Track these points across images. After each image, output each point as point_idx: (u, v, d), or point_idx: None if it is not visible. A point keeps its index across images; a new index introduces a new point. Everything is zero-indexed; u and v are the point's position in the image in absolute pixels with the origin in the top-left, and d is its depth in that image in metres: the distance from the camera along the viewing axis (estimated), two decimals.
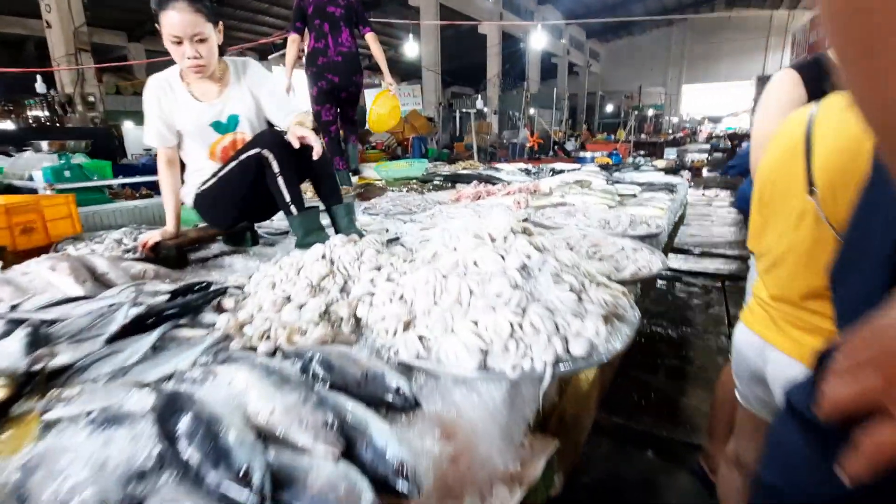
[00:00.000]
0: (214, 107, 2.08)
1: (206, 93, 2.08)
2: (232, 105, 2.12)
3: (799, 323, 1.14)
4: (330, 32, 4.10)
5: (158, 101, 1.99)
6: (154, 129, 2.03)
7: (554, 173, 4.89)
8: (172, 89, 2.03)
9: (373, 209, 3.30)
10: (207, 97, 2.08)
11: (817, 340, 1.10)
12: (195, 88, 2.06)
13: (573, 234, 2.11)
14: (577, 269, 1.33)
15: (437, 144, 13.34)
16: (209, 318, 1.37)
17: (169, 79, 2.02)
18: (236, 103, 2.14)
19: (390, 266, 1.44)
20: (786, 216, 1.13)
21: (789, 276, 1.14)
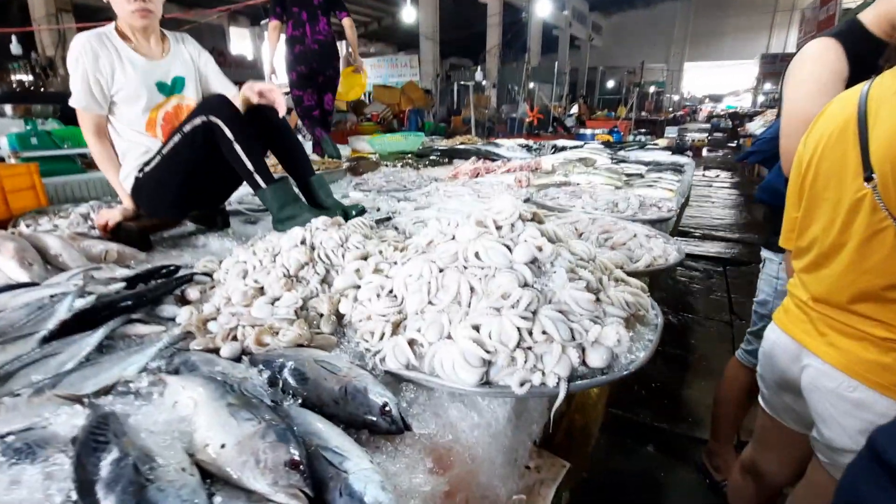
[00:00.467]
0: (160, 66, 1.89)
1: (150, 51, 1.88)
2: (178, 67, 1.94)
3: (845, 328, 0.99)
4: (308, 21, 4.17)
5: (95, 58, 1.73)
6: (86, 91, 1.74)
7: (556, 150, 4.67)
8: (112, 45, 1.78)
9: (364, 185, 3.10)
10: (151, 55, 1.88)
11: (866, 349, 0.95)
12: (138, 45, 1.84)
13: (581, 218, 1.93)
14: (594, 262, 1.16)
15: (434, 118, 12.97)
16: (170, 310, 1.20)
17: (106, 34, 1.79)
18: (181, 66, 1.96)
19: (379, 255, 1.26)
20: (834, 207, 0.97)
21: (838, 276, 0.98)
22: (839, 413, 1.00)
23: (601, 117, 15.10)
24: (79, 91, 1.73)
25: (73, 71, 1.72)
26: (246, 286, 1.19)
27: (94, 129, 1.81)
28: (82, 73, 1.71)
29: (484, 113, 12.36)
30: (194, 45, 2.06)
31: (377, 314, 1.05)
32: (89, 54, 1.71)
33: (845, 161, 0.92)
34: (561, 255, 1.07)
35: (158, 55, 1.90)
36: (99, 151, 1.85)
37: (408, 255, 1.17)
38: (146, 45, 1.87)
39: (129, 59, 1.80)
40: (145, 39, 1.85)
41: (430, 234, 1.18)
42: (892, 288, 0.88)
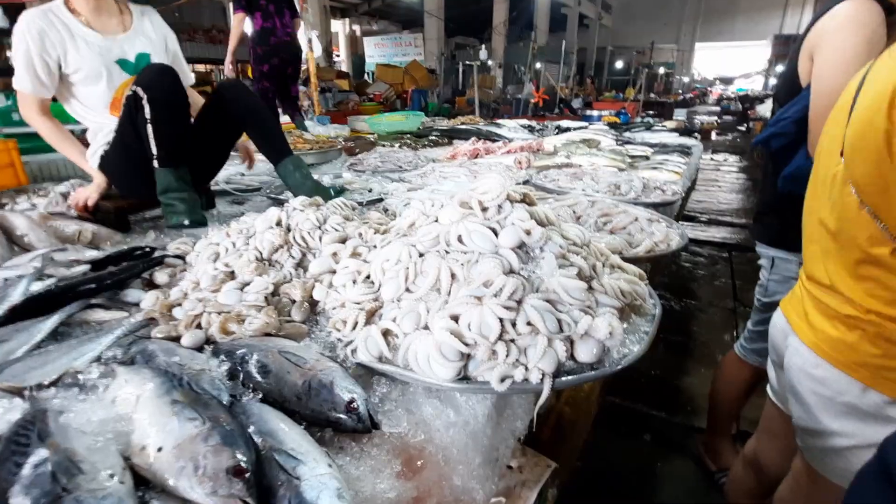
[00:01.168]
0: (119, 42, 1.74)
1: (107, 26, 1.73)
2: (141, 42, 1.79)
3: (822, 307, 0.94)
4: (276, 14, 4.26)
5: (41, 37, 1.58)
6: (30, 73, 1.60)
7: (559, 131, 4.53)
8: (62, 23, 1.63)
9: (359, 165, 3.00)
10: (109, 30, 1.73)
11: (834, 327, 0.90)
12: (93, 21, 1.69)
13: (580, 201, 1.83)
14: (588, 248, 1.07)
15: (438, 98, 12.76)
16: (136, 295, 1.13)
17: (54, 11, 1.63)
18: (145, 41, 1.80)
19: (358, 237, 1.18)
20: (822, 183, 0.92)
21: (821, 252, 0.93)
22: (804, 391, 0.98)
23: (608, 99, 14.81)
24: (22, 73, 1.60)
25: (15, 50, 1.58)
26: (216, 270, 1.12)
27: (38, 109, 1.68)
28: (24, 52, 1.57)
29: (489, 94, 12.14)
30: (160, 21, 1.92)
31: (351, 302, 0.97)
32: (33, 33, 1.57)
33: (836, 137, 0.86)
34: (551, 239, 0.98)
35: (117, 30, 1.75)
36: (48, 130, 1.73)
37: (388, 239, 1.09)
38: (100, 20, 1.71)
39: (82, 36, 1.66)
40: (98, 14, 1.70)
41: (411, 215, 1.09)
42: (863, 263, 0.82)
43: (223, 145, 1.94)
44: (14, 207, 2.00)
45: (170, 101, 1.59)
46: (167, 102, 1.58)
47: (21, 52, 1.57)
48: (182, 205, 1.66)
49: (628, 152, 3.40)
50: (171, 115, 1.59)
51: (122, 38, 1.74)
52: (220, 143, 1.91)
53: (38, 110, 1.69)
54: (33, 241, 1.39)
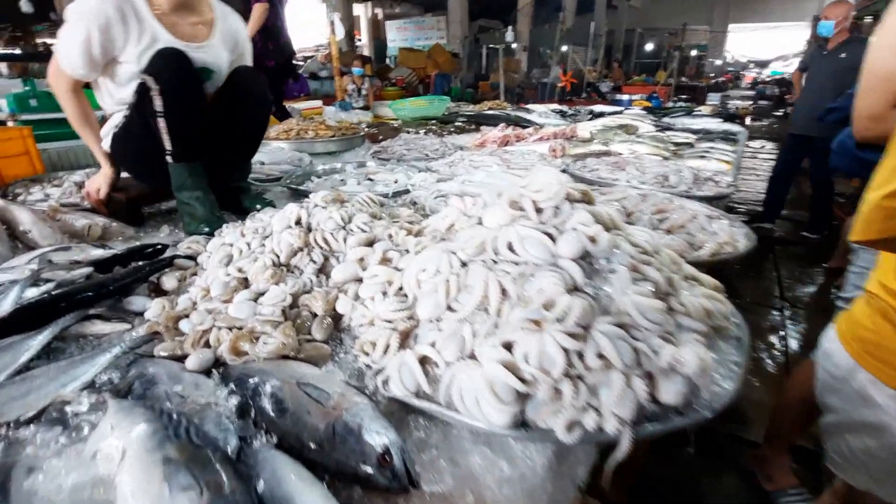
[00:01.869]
0: (196, 54, 1.47)
1: (183, 29, 1.47)
2: (213, 54, 1.55)
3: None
4: (281, 12, 4.16)
5: (108, 26, 1.34)
6: (84, 58, 1.37)
7: (593, 116, 4.29)
8: (137, 16, 1.39)
9: (383, 153, 2.85)
10: (183, 35, 1.47)
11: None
12: (170, 19, 1.44)
13: (630, 194, 1.65)
14: (660, 256, 0.90)
15: (461, 83, 12.47)
16: (140, 302, 1.01)
17: (134, 2, 1.39)
18: (218, 53, 1.57)
19: (388, 240, 1.03)
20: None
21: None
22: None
23: (638, 82, 14.27)
24: (75, 56, 1.37)
25: (73, 28, 1.34)
26: (228, 276, 0.99)
27: (71, 86, 1.47)
28: (84, 38, 1.34)
29: (513, 78, 11.81)
30: (238, 20, 1.65)
31: (381, 319, 0.83)
32: (102, 20, 1.33)
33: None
34: (620, 247, 0.82)
35: (192, 37, 1.49)
36: (75, 109, 1.51)
37: (423, 243, 0.94)
38: (178, 20, 1.45)
39: (152, 35, 1.41)
40: (178, 12, 1.45)
41: (450, 215, 0.94)
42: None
43: (244, 138, 1.78)
44: (27, 198, 1.92)
45: (184, 93, 1.41)
46: (181, 94, 1.40)
47: (80, 36, 1.34)
48: (199, 207, 1.51)
49: (670, 139, 3.17)
50: (185, 107, 1.42)
51: (200, 49, 1.50)
52: (241, 136, 1.76)
53: (71, 86, 1.47)
54: (36, 237, 1.29)
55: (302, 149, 2.82)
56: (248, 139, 1.77)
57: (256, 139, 1.80)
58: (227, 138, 1.68)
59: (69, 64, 1.40)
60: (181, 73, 1.38)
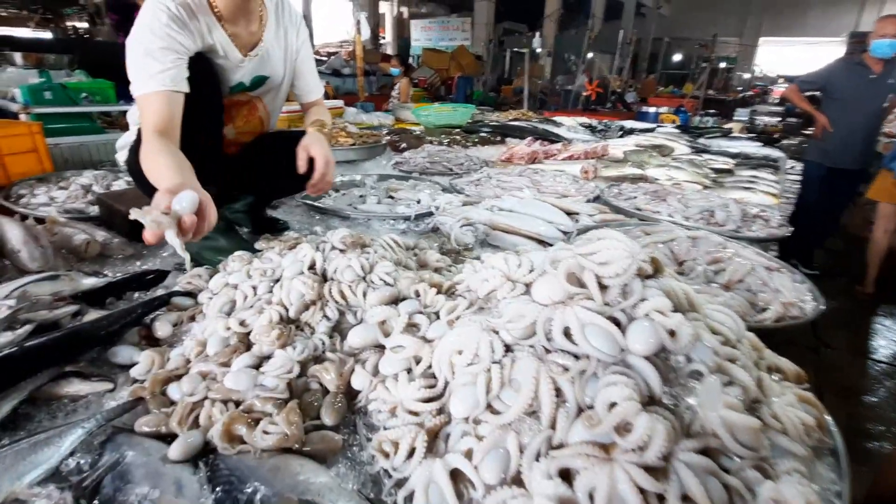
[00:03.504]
0: (249, 62, 1.31)
1: (241, 35, 1.28)
2: (266, 62, 1.36)
3: None
4: None
5: (185, 28, 1.12)
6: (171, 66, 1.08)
7: (623, 133, 4.10)
8: (205, 23, 1.18)
9: (405, 164, 2.71)
10: (242, 41, 1.28)
11: None
12: (230, 25, 1.24)
13: (678, 236, 1.48)
14: (743, 346, 0.75)
15: (484, 86, 12.31)
16: (127, 354, 0.88)
17: (198, 5, 1.16)
18: (272, 61, 1.38)
19: (415, 297, 0.88)
20: None
21: None
22: None
23: (665, 94, 13.98)
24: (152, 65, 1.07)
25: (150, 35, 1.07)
26: (228, 330, 0.85)
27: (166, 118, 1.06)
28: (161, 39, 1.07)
29: (537, 83, 11.62)
30: (296, 17, 1.43)
31: (405, 408, 0.68)
32: (179, 24, 1.10)
33: None
34: (703, 340, 0.66)
35: (248, 42, 1.30)
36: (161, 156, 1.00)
37: (457, 311, 0.79)
38: (237, 25, 1.25)
39: (220, 42, 1.22)
40: (238, 16, 1.24)
41: (491, 278, 0.79)
42: None
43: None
44: (31, 201, 1.82)
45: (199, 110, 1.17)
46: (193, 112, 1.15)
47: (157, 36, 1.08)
48: (223, 238, 1.35)
49: (708, 164, 2.98)
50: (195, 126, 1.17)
51: (252, 55, 1.31)
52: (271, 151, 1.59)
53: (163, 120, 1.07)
54: (25, 259, 1.17)
55: None
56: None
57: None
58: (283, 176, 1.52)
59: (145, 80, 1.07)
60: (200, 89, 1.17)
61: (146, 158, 1.01)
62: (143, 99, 1.08)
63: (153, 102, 1.07)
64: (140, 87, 1.08)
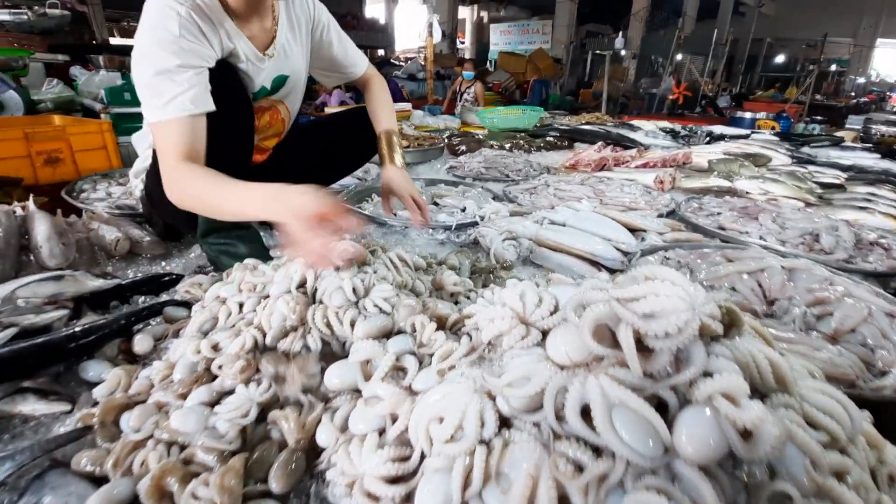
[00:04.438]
0: (269, 62, 1.21)
1: (257, 35, 1.17)
2: (284, 59, 1.25)
3: None
4: None
5: (201, 35, 1.00)
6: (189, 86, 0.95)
7: (711, 139, 3.66)
8: (214, 20, 1.04)
9: (459, 169, 2.56)
10: (257, 41, 1.17)
11: None
12: (245, 25, 1.13)
13: (770, 265, 1.19)
14: (856, 447, 0.51)
15: (561, 90, 11.90)
16: (97, 370, 0.80)
17: (209, 6, 1.03)
18: (291, 55, 1.27)
19: (410, 332, 0.72)
20: None
21: None
22: None
23: (764, 98, 12.73)
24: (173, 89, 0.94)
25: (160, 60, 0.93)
26: (198, 355, 0.74)
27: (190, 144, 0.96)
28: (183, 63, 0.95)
29: (618, 87, 11.03)
30: (307, 7, 1.31)
31: (363, 491, 0.52)
32: (193, 32, 0.97)
33: None
34: (795, 442, 0.44)
35: (263, 41, 1.19)
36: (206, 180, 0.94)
37: (452, 356, 0.62)
38: (252, 26, 1.15)
39: (244, 49, 1.13)
40: (251, 15, 1.13)
41: (499, 320, 0.61)
42: None
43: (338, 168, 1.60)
44: (90, 195, 1.89)
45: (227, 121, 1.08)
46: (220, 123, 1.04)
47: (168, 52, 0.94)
48: (242, 245, 1.23)
49: (813, 177, 2.54)
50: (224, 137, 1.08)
51: (270, 53, 1.21)
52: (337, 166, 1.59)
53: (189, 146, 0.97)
54: (45, 256, 1.15)
55: (374, 159, 2.61)
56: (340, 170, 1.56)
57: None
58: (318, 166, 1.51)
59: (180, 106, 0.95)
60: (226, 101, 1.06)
61: (191, 188, 0.94)
62: (161, 127, 0.96)
63: (174, 130, 0.95)
64: (155, 114, 0.95)
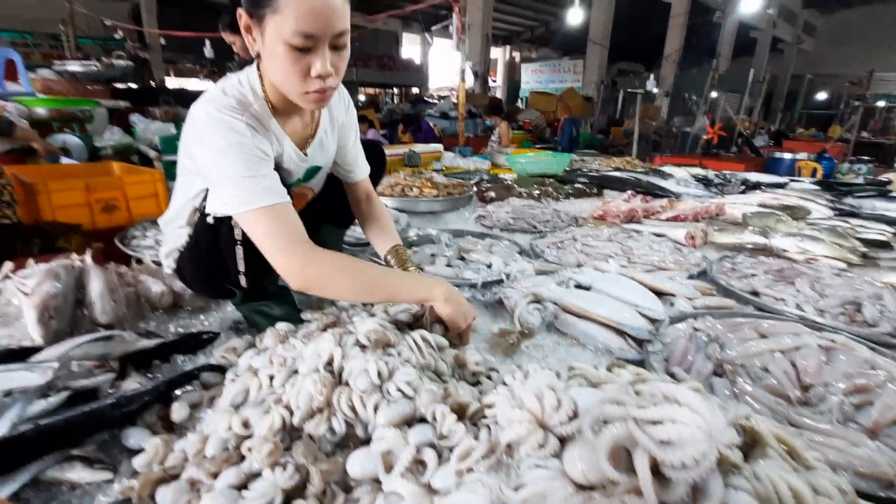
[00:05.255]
0: (310, 157, 1.25)
1: (298, 131, 1.21)
2: (320, 152, 1.29)
3: None
4: None
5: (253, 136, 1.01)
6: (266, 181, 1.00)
7: (746, 188, 3.59)
8: (263, 124, 1.07)
9: (487, 219, 2.60)
10: (298, 138, 1.20)
11: None
12: (293, 128, 1.18)
13: (805, 342, 1.16)
14: None
15: (592, 128, 11.96)
16: (138, 437, 0.84)
17: (259, 112, 1.07)
18: (326, 149, 1.31)
19: (431, 422, 0.74)
20: None
21: None
22: None
23: (804, 137, 12.42)
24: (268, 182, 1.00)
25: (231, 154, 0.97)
26: (229, 431, 0.78)
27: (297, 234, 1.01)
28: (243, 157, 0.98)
29: (650, 125, 10.99)
30: (344, 95, 1.34)
31: None
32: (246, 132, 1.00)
33: None
34: None
35: (306, 135, 1.23)
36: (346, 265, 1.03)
37: (470, 459, 0.63)
38: (296, 122, 1.19)
39: (289, 152, 1.17)
40: (293, 115, 1.17)
41: (517, 421, 0.62)
42: None
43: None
44: (140, 243, 2.01)
45: None
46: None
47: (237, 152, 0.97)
48: (276, 307, 1.30)
49: (856, 232, 2.45)
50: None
51: (312, 152, 1.24)
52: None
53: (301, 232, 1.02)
54: (97, 312, 1.24)
55: (404, 207, 2.70)
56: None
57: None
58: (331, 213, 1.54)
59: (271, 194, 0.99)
60: None
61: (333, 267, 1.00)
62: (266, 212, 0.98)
63: (284, 213, 1.00)
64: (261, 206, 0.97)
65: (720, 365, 1.15)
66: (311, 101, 1.00)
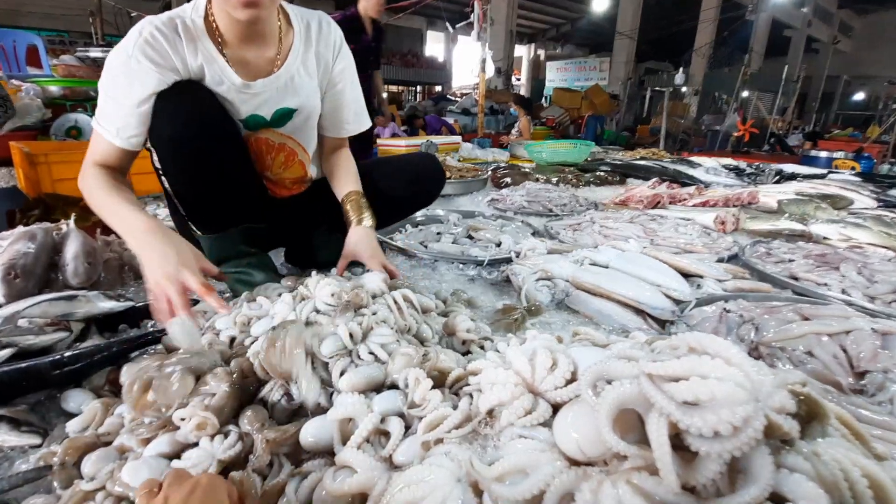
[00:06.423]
0: (258, 90, 1.11)
1: (251, 64, 1.10)
2: (290, 92, 1.16)
3: None
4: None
5: (156, 68, 0.98)
6: (128, 116, 0.99)
7: (780, 179, 3.37)
8: (193, 45, 1.02)
9: (500, 202, 2.47)
10: (252, 70, 1.10)
11: None
12: (236, 52, 1.07)
13: (856, 326, 0.99)
14: None
15: (617, 125, 11.67)
16: (79, 400, 0.75)
17: (186, 23, 1.02)
18: (301, 91, 1.18)
19: (402, 389, 0.62)
20: None
21: None
22: None
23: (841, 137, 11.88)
24: (113, 113, 0.99)
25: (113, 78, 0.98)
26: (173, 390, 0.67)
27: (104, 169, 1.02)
28: (124, 86, 0.98)
29: (678, 123, 10.66)
30: (336, 40, 1.22)
31: None
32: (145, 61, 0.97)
33: None
34: None
35: (263, 70, 1.11)
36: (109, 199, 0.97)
37: (440, 429, 0.51)
38: (246, 53, 1.08)
39: (219, 74, 1.06)
40: (246, 43, 1.07)
41: (501, 383, 0.50)
42: None
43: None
44: None
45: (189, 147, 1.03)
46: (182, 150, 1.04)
47: (121, 82, 0.98)
48: (257, 273, 1.22)
49: None
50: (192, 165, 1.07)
51: (267, 83, 1.12)
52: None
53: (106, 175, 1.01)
54: (69, 274, 1.16)
55: None
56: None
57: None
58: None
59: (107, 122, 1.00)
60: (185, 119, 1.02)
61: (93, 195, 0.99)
62: (95, 135, 1.03)
63: (102, 144, 1.02)
64: (97, 124, 1.02)
65: (756, 348, 1.00)
66: (238, 5, 0.94)
